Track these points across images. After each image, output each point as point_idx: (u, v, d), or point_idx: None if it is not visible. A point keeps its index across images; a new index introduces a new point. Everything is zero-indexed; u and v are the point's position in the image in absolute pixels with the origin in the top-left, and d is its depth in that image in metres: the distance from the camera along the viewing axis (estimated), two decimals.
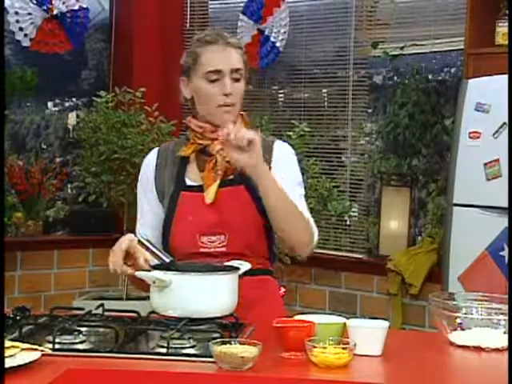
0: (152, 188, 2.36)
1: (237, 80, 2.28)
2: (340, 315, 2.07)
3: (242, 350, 1.80)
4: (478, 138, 3.74)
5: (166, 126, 4.91)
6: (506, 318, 2.01)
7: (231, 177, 2.30)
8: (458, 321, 2.02)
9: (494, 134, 3.69)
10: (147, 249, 2.08)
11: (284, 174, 2.27)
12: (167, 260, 2.10)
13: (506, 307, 2.03)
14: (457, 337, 2.02)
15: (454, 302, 2.06)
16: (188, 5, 5.53)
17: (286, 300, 4.66)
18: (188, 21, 5.54)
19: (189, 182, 2.32)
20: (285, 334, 1.90)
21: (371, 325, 1.97)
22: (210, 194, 2.26)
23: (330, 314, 4.80)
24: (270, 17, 5.06)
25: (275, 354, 1.89)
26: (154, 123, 4.90)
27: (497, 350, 1.98)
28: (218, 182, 2.27)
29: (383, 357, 1.92)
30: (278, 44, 5.06)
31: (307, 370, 1.81)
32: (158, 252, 2.10)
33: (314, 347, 1.83)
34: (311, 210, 4.45)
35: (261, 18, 5.10)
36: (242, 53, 2.31)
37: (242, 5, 5.22)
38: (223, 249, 2.27)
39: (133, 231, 2.29)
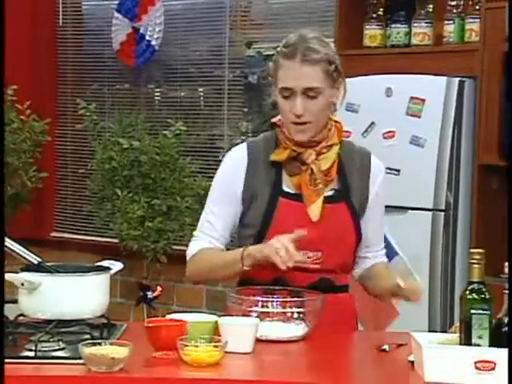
0: (237, 189, 2.27)
1: (312, 97, 2.20)
2: (215, 313, 2.08)
3: (113, 351, 1.79)
4: (349, 137, 3.82)
5: (39, 125, 4.81)
6: (300, 310, 2.06)
7: (331, 192, 2.25)
8: (254, 314, 2.05)
9: (363, 134, 3.80)
10: (12, 250, 2.03)
11: (381, 196, 2.31)
12: (35, 261, 2.06)
13: (301, 299, 2.08)
14: None
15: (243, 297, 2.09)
16: (60, 1, 5.43)
17: (163, 299, 4.69)
18: (60, 17, 5.44)
19: (286, 188, 2.26)
20: (156, 334, 1.90)
21: (242, 322, 1.99)
22: (315, 211, 2.21)
23: (207, 312, 4.83)
24: (145, 15, 5.03)
25: (147, 353, 1.89)
26: (26, 122, 4.79)
27: (291, 342, 2.03)
28: (322, 197, 2.22)
29: (254, 353, 1.94)
30: (153, 42, 5.03)
31: (179, 369, 1.82)
32: (24, 254, 2.05)
33: (186, 346, 1.84)
34: (188, 208, 4.53)
35: (136, 16, 5.06)
36: (322, 68, 2.20)
37: (116, 2, 5.16)
38: (317, 266, 2.22)
39: None
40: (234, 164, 2.31)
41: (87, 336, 1.92)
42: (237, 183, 2.28)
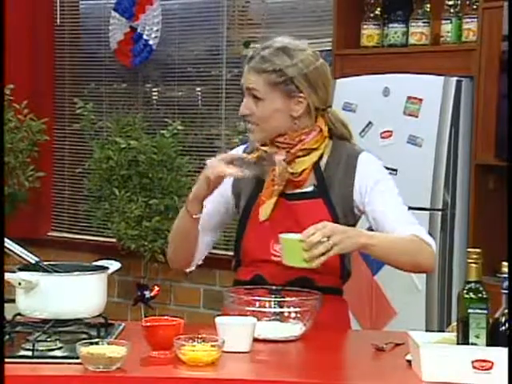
0: (227, 188, 2.30)
1: (257, 99, 2.24)
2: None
3: (110, 351, 1.79)
4: None
5: (37, 124, 4.82)
6: (297, 310, 2.06)
7: (310, 188, 2.25)
8: (251, 314, 2.03)
9: (360, 133, 3.80)
10: (10, 250, 2.03)
11: (379, 184, 2.25)
12: (32, 261, 2.06)
13: (299, 299, 2.07)
14: None
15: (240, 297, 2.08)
16: (58, 0, 5.43)
17: (161, 299, 4.69)
18: (58, 17, 5.44)
19: None
20: (153, 333, 1.90)
21: (239, 322, 1.99)
22: (264, 212, 2.22)
23: (206, 312, 4.85)
24: (143, 14, 5.03)
25: (144, 353, 1.89)
26: (23, 121, 4.79)
27: (288, 341, 2.03)
28: (273, 199, 2.22)
29: (251, 353, 1.94)
30: (150, 42, 5.04)
31: (176, 369, 1.82)
32: (21, 253, 2.05)
33: (183, 345, 1.84)
34: None
35: (133, 15, 5.07)
36: (265, 78, 2.23)
37: (113, 1, 5.16)
38: None
39: None
40: None
41: (84, 335, 1.92)
42: (226, 182, 2.31)
